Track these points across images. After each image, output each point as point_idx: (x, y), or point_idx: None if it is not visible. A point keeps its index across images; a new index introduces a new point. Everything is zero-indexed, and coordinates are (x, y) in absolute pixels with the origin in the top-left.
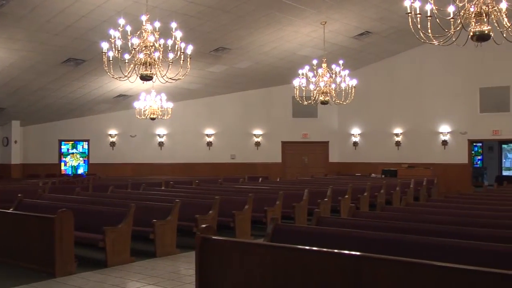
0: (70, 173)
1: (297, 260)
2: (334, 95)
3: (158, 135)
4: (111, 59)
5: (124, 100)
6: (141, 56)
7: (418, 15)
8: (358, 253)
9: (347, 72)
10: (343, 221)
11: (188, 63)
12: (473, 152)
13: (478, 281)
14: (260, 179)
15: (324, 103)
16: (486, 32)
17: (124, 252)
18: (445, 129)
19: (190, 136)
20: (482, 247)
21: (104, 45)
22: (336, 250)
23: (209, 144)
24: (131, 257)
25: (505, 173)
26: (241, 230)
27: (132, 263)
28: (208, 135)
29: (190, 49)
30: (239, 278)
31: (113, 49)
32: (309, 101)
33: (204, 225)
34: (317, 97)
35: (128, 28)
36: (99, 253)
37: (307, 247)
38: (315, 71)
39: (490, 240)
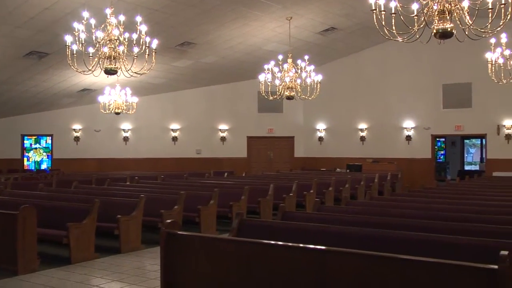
0: (33, 168)
1: (263, 254)
2: (299, 90)
3: (123, 130)
4: (75, 52)
5: (88, 94)
6: (106, 49)
7: (383, 12)
8: (322, 247)
9: (312, 67)
10: (308, 216)
11: (153, 57)
12: (436, 147)
13: (439, 273)
14: (226, 174)
15: (289, 98)
16: (449, 29)
17: (88, 249)
18: (409, 125)
19: (156, 131)
20: (444, 240)
21: (68, 38)
22: (301, 245)
23: (175, 139)
24: (95, 253)
25: (467, 167)
26: (206, 225)
27: (96, 259)
28: (173, 130)
29: (155, 43)
30: (204, 273)
31: (77, 42)
32: (275, 96)
33: (169, 220)
34: (282, 92)
35: (92, 21)
36: (63, 250)
37: (272, 242)
38: (280, 66)
39: (451, 233)
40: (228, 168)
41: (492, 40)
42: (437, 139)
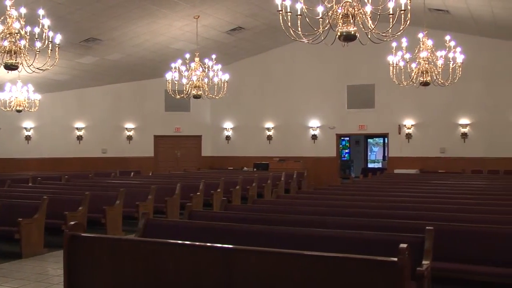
0: None
1: (169, 254)
2: (206, 89)
3: (25, 128)
4: None
5: None
6: (6, 43)
7: (289, 13)
8: (229, 246)
9: (219, 66)
10: (215, 215)
11: (57, 53)
12: (341, 146)
13: (344, 267)
14: (132, 173)
15: (196, 97)
16: (352, 32)
17: None
18: (314, 124)
19: (59, 129)
20: (348, 235)
21: None
22: (208, 244)
23: (80, 138)
24: None
25: (370, 165)
26: (112, 226)
27: None
28: (78, 129)
29: (58, 38)
30: (109, 275)
31: None
32: (182, 95)
33: (72, 222)
34: (189, 91)
35: None
36: None
37: (179, 241)
38: (187, 65)
39: (355, 228)
40: (135, 167)
41: (394, 44)
42: (342, 138)
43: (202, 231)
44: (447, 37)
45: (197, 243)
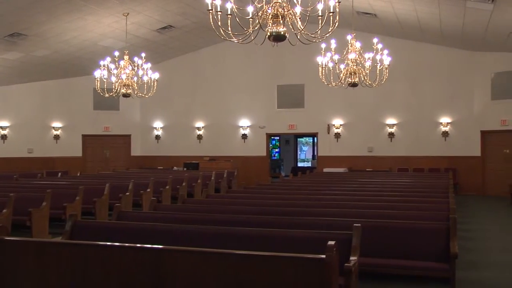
0: None
1: (97, 256)
2: (136, 88)
3: None
4: None
5: None
6: None
7: (219, 13)
8: (159, 246)
9: (149, 65)
10: (144, 215)
11: None
12: (271, 145)
13: (274, 266)
14: (60, 174)
15: (126, 95)
16: (282, 33)
17: None
18: (245, 123)
19: None
20: (278, 234)
21: None
22: (137, 245)
23: (4, 137)
24: None
25: (300, 164)
26: (38, 229)
27: None
28: (2, 128)
29: None
30: (36, 280)
31: None
32: (111, 94)
33: None
34: (119, 89)
35: None
36: None
37: (107, 243)
38: (116, 63)
39: (285, 227)
40: (62, 168)
41: (323, 45)
42: (272, 137)
43: (131, 232)
44: (375, 40)
45: (126, 244)
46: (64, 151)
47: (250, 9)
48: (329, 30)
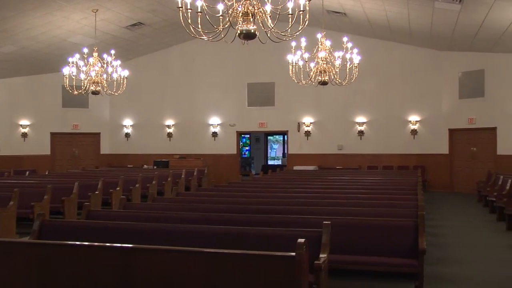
0: None
1: (65, 257)
2: (105, 85)
3: None
4: None
5: None
6: None
7: (189, 10)
8: (129, 245)
9: (119, 62)
10: (114, 214)
11: None
12: (241, 143)
13: (245, 264)
14: (28, 172)
15: (95, 93)
16: (252, 31)
17: None
18: (215, 121)
19: None
20: (249, 232)
21: None
22: (106, 244)
23: None
24: None
25: (270, 162)
26: (5, 229)
27: None
28: None
29: None
30: (1, 281)
31: None
32: (80, 91)
33: None
34: (88, 87)
35: None
36: None
37: (76, 243)
38: (85, 60)
39: (255, 224)
40: (30, 166)
41: (293, 44)
42: (242, 135)
43: (100, 231)
44: (345, 39)
45: (95, 244)
46: (32, 149)
47: (220, 7)
48: (299, 29)
